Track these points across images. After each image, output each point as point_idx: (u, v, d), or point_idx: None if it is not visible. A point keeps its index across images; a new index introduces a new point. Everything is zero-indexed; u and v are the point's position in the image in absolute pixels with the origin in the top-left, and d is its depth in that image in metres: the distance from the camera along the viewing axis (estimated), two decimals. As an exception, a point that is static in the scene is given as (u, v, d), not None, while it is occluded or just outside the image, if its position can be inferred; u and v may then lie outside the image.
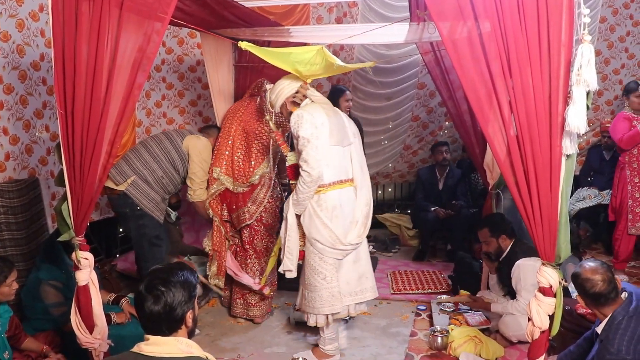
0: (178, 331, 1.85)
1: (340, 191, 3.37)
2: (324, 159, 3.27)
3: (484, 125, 2.47)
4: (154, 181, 3.95)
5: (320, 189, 3.32)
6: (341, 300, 3.40)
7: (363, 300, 3.55)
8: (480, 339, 3.59)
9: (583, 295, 2.72)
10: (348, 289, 3.46)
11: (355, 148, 3.51)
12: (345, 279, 3.45)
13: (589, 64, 2.21)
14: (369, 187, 3.55)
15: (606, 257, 5.33)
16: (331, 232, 3.30)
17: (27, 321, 3.40)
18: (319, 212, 3.32)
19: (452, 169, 6.02)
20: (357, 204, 3.46)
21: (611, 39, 6.11)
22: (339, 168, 3.39)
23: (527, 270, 3.49)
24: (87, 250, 2.83)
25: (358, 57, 5.97)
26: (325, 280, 3.36)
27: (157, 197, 3.98)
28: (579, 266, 2.75)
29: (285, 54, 3.31)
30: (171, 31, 5.44)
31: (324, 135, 3.28)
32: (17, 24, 3.77)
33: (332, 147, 3.33)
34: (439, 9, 2.44)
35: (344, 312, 3.48)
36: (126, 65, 2.58)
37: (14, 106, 3.80)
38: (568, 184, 2.41)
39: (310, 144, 3.23)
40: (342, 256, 3.40)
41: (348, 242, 3.35)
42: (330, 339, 3.56)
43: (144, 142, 4.06)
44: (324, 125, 3.29)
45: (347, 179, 3.44)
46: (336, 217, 3.33)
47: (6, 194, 3.68)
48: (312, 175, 3.22)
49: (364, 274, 3.53)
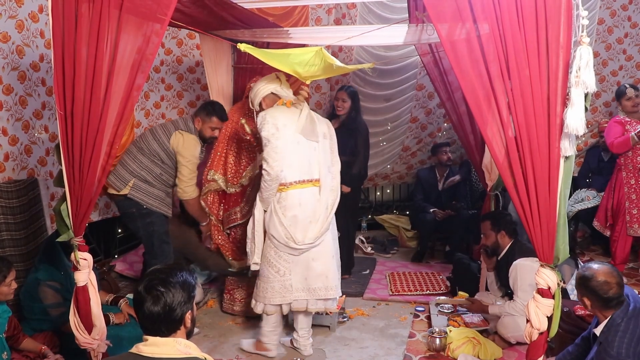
0: (177, 332, 1.85)
1: (301, 191, 3.46)
2: (286, 159, 3.39)
3: (483, 126, 2.48)
4: (153, 179, 3.95)
5: (282, 188, 3.43)
6: (292, 293, 3.50)
7: (321, 297, 3.55)
8: (478, 340, 3.59)
9: (594, 298, 2.66)
10: (304, 285, 3.53)
11: (323, 149, 3.55)
12: (303, 275, 3.52)
13: (587, 65, 2.22)
14: (333, 188, 3.58)
15: (604, 258, 5.34)
16: (286, 231, 3.40)
17: (26, 321, 3.40)
18: (278, 209, 3.43)
19: (453, 170, 6.02)
20: (319, 204, 3.50)
21: (609, 40, 6.12)
22: (302, 168, 3.46)
23: (525, 271, 3.51)
24: (86, 250, 2.83)
25: (357, 58, 5.97)
26: (279, 274, 3.49)
27: (160, 194, 3.99)
28: (587, 269, 2.71)
29: (284, 56, 3.32)
30: (170, 32, 5.44)
31: (285, 136, 3.37)
32: (17, 25, 3.77)
33: (295, 147, 3.42)
34: (438, 10, 2.44)
35: (299, 305, 3.55)
36: (125, 66, 2.58)
37: (14, 107, 3.80)
38: (566, 186, 2.41)
39: (270, 144, 3.35)
40: (298, 254, 3.47)
41: (301, 241, 3.41)
42: (268, 332, 3.67)
43: (136, 143, 4.04)
44: (287, 126, 3.40)
45: (311, 179, 3.49)
46: (295, 216, 3.42)
47: (5, 195, 3.68)
48: (270, 174, 3.34)
49: (324, 273, 3.54)
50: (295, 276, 3.51)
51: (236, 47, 3.17)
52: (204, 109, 4.01)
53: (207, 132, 3.99)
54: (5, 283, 2.92)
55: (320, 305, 3.59)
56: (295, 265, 3.50)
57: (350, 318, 4.31)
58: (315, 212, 3.48)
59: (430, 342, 3.72)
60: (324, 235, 3.52)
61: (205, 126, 3.98)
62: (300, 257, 3.49)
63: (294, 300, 3.53)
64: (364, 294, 4.82)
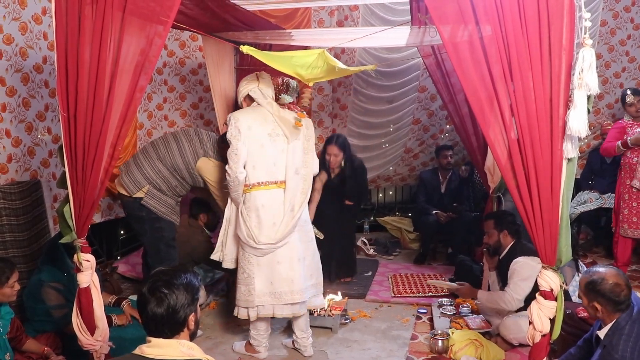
0: (180, 334, 1.85)
1: (265, 192, 3.48)
2: (250, 161, 3.43)
3: (485, 128, 2.47)
4: (168, 189, 3.96)
5: (246, 189, 3.48)
6: (256, 297, 3.50)
7: (287, 302, 3.54)
8: (480, 342, 3.59)
9: (605, 301, 2.61)
10: (270, 289, 3.52)
11: (293, 150, 3.52)
12: (269, 279, 3.52)
13: (590, 67, 2.21)
14: (298, 190, 3.54)
15: (607, 260, 5.33)
16: (248, 230, 3.45)
17: (29, 323, 3.41)
18: (243, 210, 3.49)
19: (455, 172, 6.02)
20: (283, 206, 3.50)
21: (612, 42, 6.12)
22: (267, 170, 3.47)
23: (523, 267, 3.59)
24: (89, 252, 2.84)
25: (359, 60, 5.98)
26: (244, 276, 3.53)
27: (171, 202, 4.01)
28: (594, 273, 2.67)
29: (286, 58, 3.32)
30: (173, 34, 5.45)
31: (249, 139, 3.40)
32: (20, 27, 3.78)
33: (259, 150, 3.44)
34: (440, 12, 2.44)
35: (265, 311, 3.55)
36: (128, 68, 2.58)
37: (17, 108, 3.81)
38: (569, 188, 2.41)
39: (232, 146, 3.39)
40: (260, 254, 3.49)
41: (261, 241, 3.43)
42: (255, 335, 3.69)
43: (157, 150, 3.94)
44: (251, 129, 3.41)
45: (276, 181, 3.50)
46: (258, 217, 3.45)
47: (8, 196, 3.69)
48: (230, 175, 3.39)
49: (289, 277, 3.52)
50: (260, 280, 3.51)
51: (239, 49, 3.18)
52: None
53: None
54: (8, 284, 2.93)
55: (286, 311, 3.58)
56: (261, 268, 3.51)
57: (352, 320, 4.31)
58: (279, 214, 3.48)
59: (433, 344, 3.71)
60: (289, 237, 3.51)
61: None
62: (265, 259, 3.50)
63: (260, 305, 3.53)
64: (366, 295, 4.82)
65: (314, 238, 3.78)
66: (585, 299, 2.71)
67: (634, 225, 4.78)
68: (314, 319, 4.04)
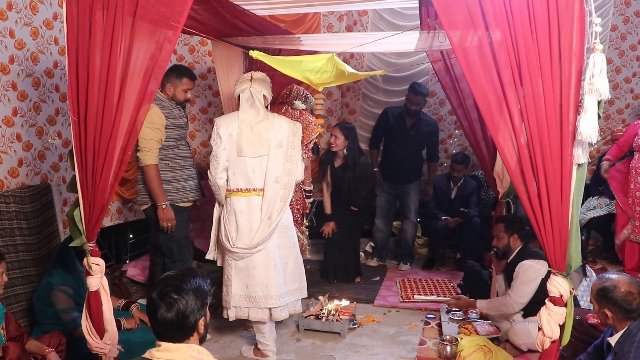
0: (190, 338, 1.85)
1: (243, 198, 3.52)
2: (230, 167, 3.50)
3: (495, 133, 2.46)
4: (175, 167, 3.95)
5: (227, 194, 3.55)
6: (231, 299, 3.58)
7: (261, 307, 3.56)
8: (489, 348, 3.57)
9: (617, 309, 2.59)
10: (245, 293, 3.57)
11: (274, 158, 3.50)
12: (245, 283, 3.56)
13: (601, 73, 2.20)
14: (277, 198, 3.51)
15: (616, 266, 5.29)
16: (226, 232, 3.53)
17: (38, 326, 3.43)
18: (224, 213, 3.58)
19: (467, 179, 5.94)
20: (259, 214, 3.50)
21: (622, 47, 6.08)
22: (246, 177, 3.50)
23: (527, 270, 3.58)
24: (99, 256, 2.85)
25: (368, 65, 5.98)
26: (224, 277, 3.63)
27: (177, 186, 3.97)
28: (606, 280, 2.65)
29: (295, 63, 3.33)
30: (182, 39, 5.48)
31: (230, 145, 3.46)
32: (32, 32, 3.81)
33: (238, 157, 3.47)
34: (450, 17, 2.44)
35: (241, 313, 3.61)
36: (138, 73, 2.60)
37: (28, 113, 3.84)
38: (579, 193, 2.40)
39: (213, 151, 3.49)
40: (237, 258, 3.54)
41: (236, 245, 3.49)
42: (261, 340, 3.71)
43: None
44: (232, 136, 3.46)
45: (255, 188, 3.51)
46: (236, 222, 3.50)
47: (19, 200, 3.71)
48: (210, 180, 3.52)
49: (264, 282, 3.53)
50: (236, 282, 3.57)
51: (248, 54, 3.19)
52: (172, 72, 3.87)
53: (180, 96, 3.89)
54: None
55: (261, 315, 3.59)
56: (238, 272, 3.56)
57: (360, 325, 4.30)
58: (255, 221, 3.49)
59: (441, 349, 3.70)
60: (265, 244, 3.51)
61: (178, 89, 3.88)
62: (242, 263, 3.54)
63: (237, 307, 3.59)
64: (375, 300, 4.81)
65: (296, 243, 3.78)
66: (596, 305, 2.70)
67: (636, 229, 4.78)
68: (322, 324, 4.04)
